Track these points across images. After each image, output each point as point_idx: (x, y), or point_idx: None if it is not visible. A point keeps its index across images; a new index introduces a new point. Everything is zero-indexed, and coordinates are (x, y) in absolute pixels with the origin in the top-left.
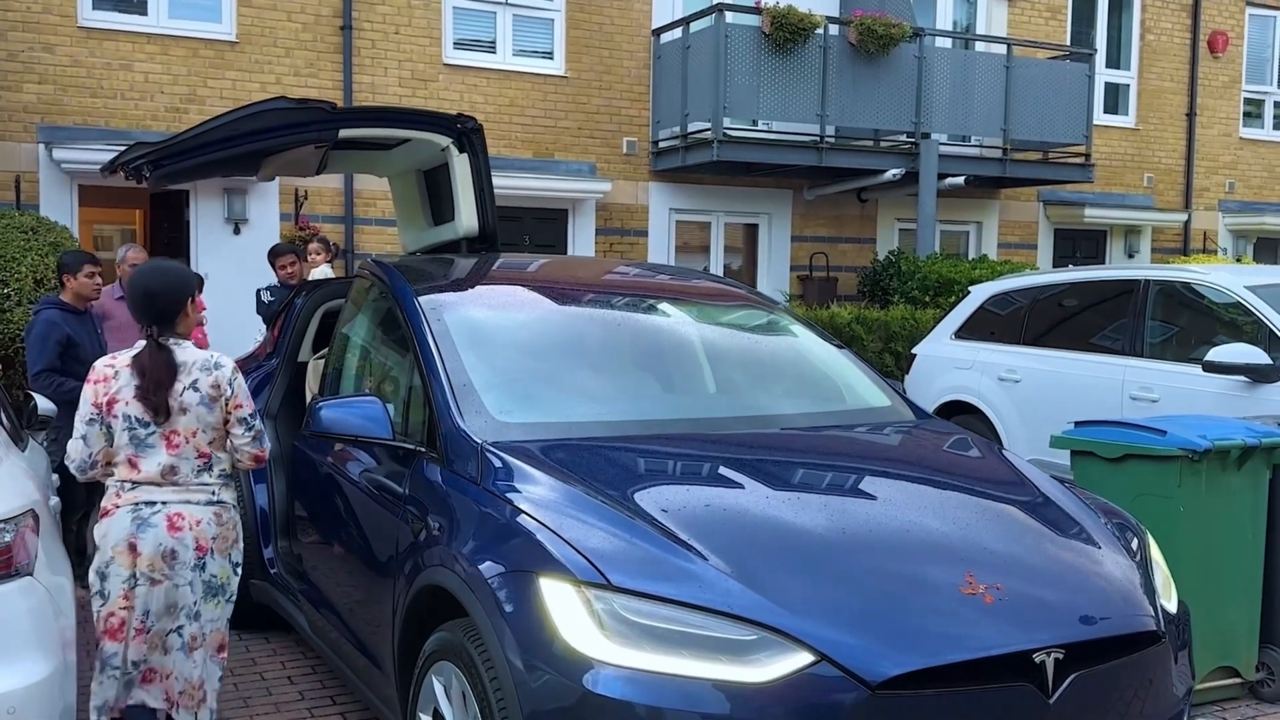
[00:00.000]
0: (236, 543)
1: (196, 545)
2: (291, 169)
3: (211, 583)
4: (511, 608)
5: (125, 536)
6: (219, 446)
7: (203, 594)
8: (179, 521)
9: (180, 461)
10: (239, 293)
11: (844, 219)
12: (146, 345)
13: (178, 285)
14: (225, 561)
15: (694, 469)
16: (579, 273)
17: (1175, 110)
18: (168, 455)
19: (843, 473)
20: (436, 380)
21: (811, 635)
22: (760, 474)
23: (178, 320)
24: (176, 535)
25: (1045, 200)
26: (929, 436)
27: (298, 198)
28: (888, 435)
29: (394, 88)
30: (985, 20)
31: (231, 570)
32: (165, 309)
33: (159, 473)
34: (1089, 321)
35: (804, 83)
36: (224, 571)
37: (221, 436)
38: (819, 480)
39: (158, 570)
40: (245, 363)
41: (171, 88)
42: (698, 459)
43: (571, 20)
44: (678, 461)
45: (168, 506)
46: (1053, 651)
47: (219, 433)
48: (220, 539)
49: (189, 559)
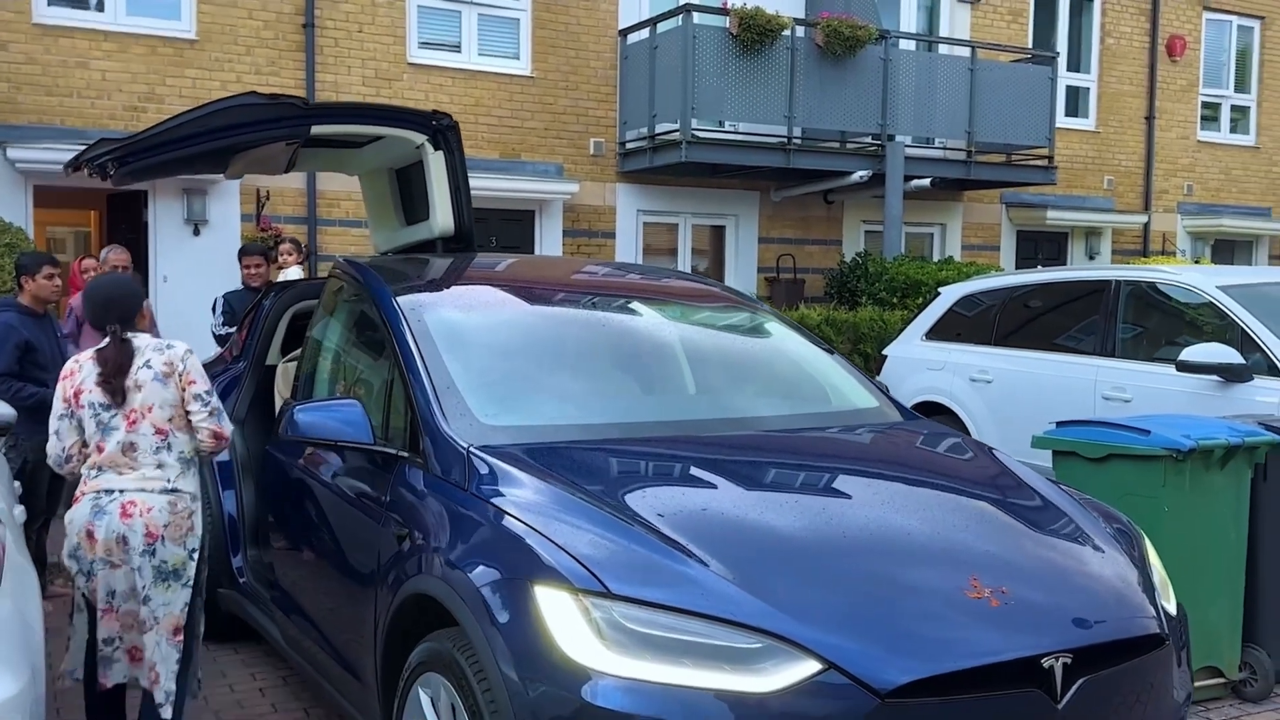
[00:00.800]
0: (193, 530)
1: (146, 532)
2: (260, 166)
3: (162, 568)
4: (505, 617)
5: (84, 524)
6: (178, 426)
7: (152, 579)
8: (130, 509)
9: (138, 438)
10: (199, 295)
11: (811, 221)
12: (110, 340)
13: (133, 293)
14: (179, 548)
15: (687, 472)
16: (560, 273)
17: (1134, 113)
18: (126, 433)
19: (838, 475)
20: (419, 383)
21: (818, 642)
22: (756, 477)
23: (135, 322)
24: (127, 522)
25: (1007, 202)
26: (920, 438)
27: (259, 198)
28: (879, 437)
29: (357, 87)
30: (948, 23)
31: (187, 556)
32: (125, 312)
33: (119, 450)
34: (1060, 322)
35: (771, 84)
36: (177, 557)
37: (180, 415)
38: (815, 483)
39: (114, 555)
40: (211, 366)
41: (130, 86)
42: (691, 462)
43: (538, 20)
44: (670, 465)
45: (124, 495)
46: (1061, 656)
47: (176, 410)
48: (173, 526)
49: (139, 544)
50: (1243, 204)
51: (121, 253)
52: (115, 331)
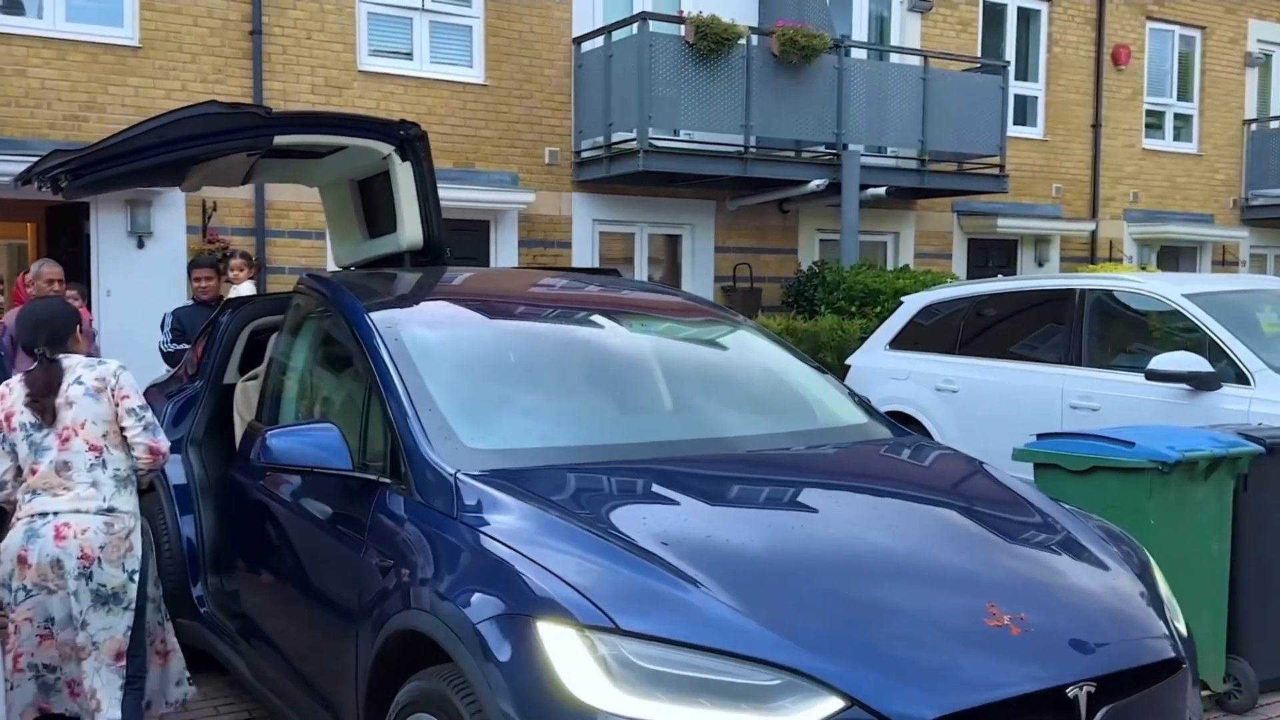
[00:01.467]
0: (131, 551)
1: (81, 554)
2: (219, 179)
3: (100, 592)
4: (505, 655)
5: (17, 549)
6: (113, 443)
7: (90, 603)
8: (65, 531)
9: (71, 456)
10: (144, 310)
11: (766, 230)
12: (39, 362)
13: (64, 314)
14: (117, 570)
15: (687, 497)
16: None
17: (1081, 122)
18: (59, 453)
19: (841, 498)
20: (399, 406)
21: (840, 677)
22: (759, 502)
23: (67, 344)
24: (61, 545)
25: (959, 211)
26: (915, 455)
27: (205, 210)
28: (876, 455)
29: (307, 95)
30: (899, 32)
31: (126, 578)
32: (55, 333)
33: (53, 470)
34: (1025, 331)
35: (727, 93)
36: (115, 580)
37: (114, 432)
38: (819, 506)
39: (49, 580)
40: (166, 385)
41: (70, 94)
42: (690, 485)
43: (490, 28)
44: (669, 489)
45: (57, 517)
46: (1084, 685)
47: (110, 427)
48: (110, 547)
49: (73, 568)
50: (1187, 211)
51: (54, 267)
52: (44, 354)
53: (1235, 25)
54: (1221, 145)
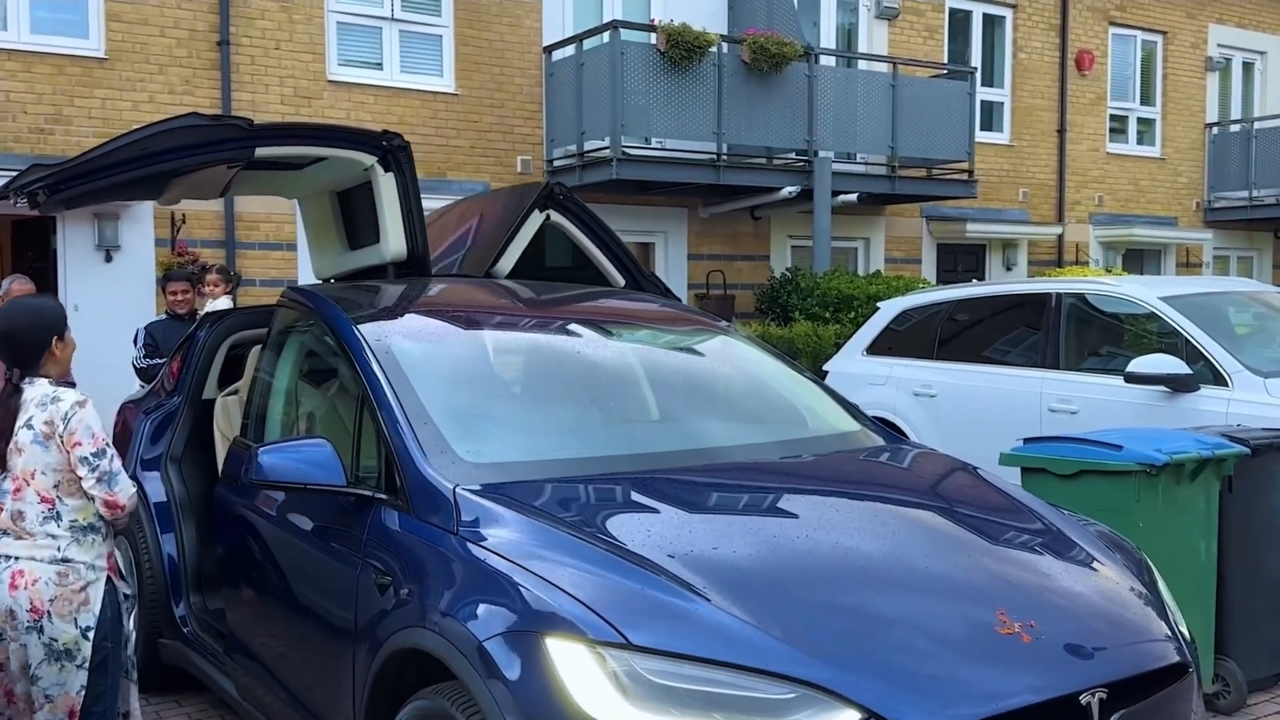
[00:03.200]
0: (86, 605)
1: (30, 606)
2: (198, 191)
3: (52, 646)
4: (514, 672)
5: None
6: (68, 492)
7: (42, 656)
8: (18, 580)
9: (25, 507)
10: (113, 324)
11: (739, 237)
12: (3, 390)
13: (39, 324)
14: (69, 626)
15: (691, 507)
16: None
17: (1047, 127)
18: (13, 501)
19: (845, 506)
20: (393, 419)
21: (855, 689)
22: (762, 511)
23: (42, 361)
24: (14, 594)
25: (928, 216)
26: (912, 462)
27: (174, 222)
28: (874, 463)
29: (276, 105)
30: (867, 39)
31: (79, 635)
32: (24, 350)
33: (10, 518)
34: (1003, 335)
35: (699, 101)
36: (67, 636)
37: (69, 480)
38: (824, 515)
39: (5, 627)
40: (143, 401)
41: (35, 107)
42: (693, 495)
43: (461, 37)
44: (672, 499)
45: (16, 563)
46: (1097, 692)
47: (64, 475)
48: (61, 600)
49: (24, 619)
50: (1151, 214)
51: (25, 282)
52: (10, 378)
53: (1196, 30)
54: (1184, 149)
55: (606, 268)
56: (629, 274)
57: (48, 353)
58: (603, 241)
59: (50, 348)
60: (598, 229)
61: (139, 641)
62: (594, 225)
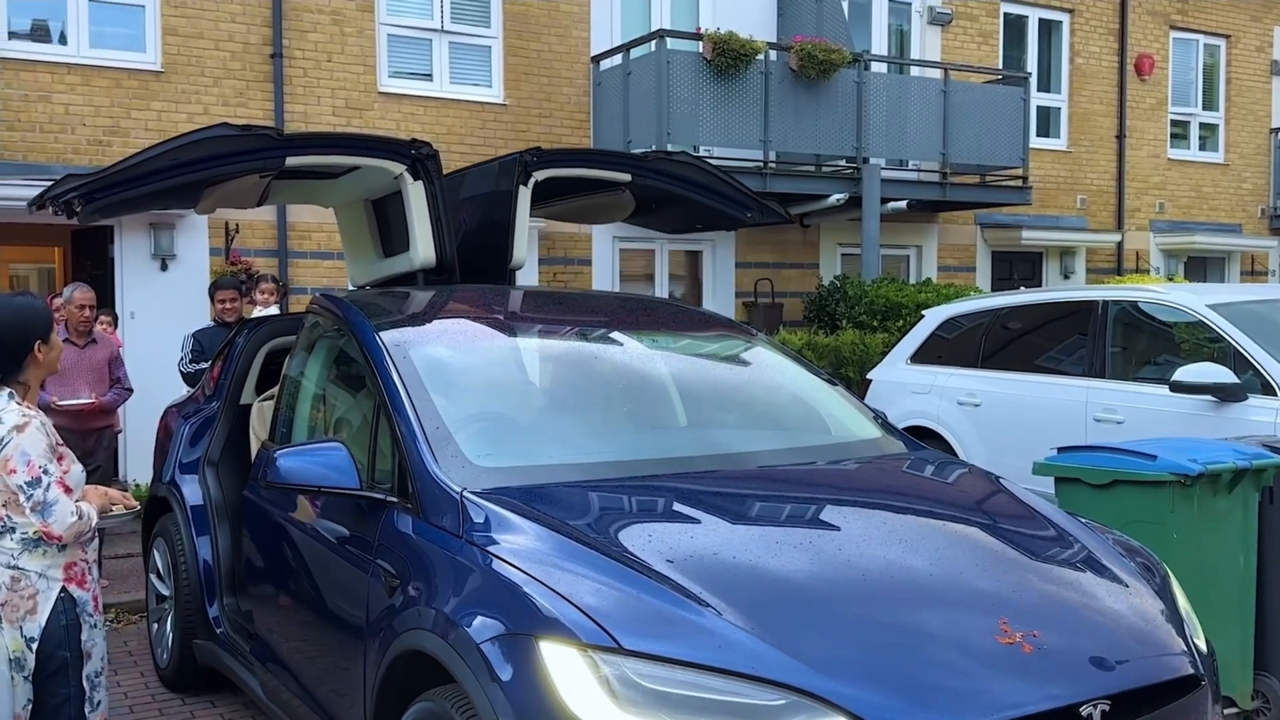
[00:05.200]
0: (33, 615)
1: None
2: (233, 200)
3: (5, 653)
4: (508, 675)
5: None
6: (16, 510)
7: None
8: None
9: None
10: (168, 331)
11: (787, 245)
12: None
13: (23, 325)
14: (15, 632)
15: (693, 513)
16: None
17: (1105, 132)
18: None
19: (851, 513)
20: (406, 424)
21: (846, 697)
22: (764, 518)
23: (25, 365)
24: None
25: (982, 223)
26: (929, 470)
27: (228, 232)
28: (888, 470)
29: (328, 117)
30: (919, 45)
31: (24, 644)
32: (6, 352)
33: None
34: (1048, 343)
35: (746, 108)
36: (15, 643)
37: (15, 501)
38: (828, 522)
39: None
40: (184, 406)
41: (94, 120)
42: (696, 502)
43: (509, 48)
44: (674, 506)
45: None
46: (1099, 704)
47: (9, 496)
48: (9, 606)
49: None
50: (1214, 221)
51: (86, 291)
52: None
53: (1260, 33)
54: (1248, 154)
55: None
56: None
57: (30, 356)
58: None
59: (34, 351)
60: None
61: (175, 643)
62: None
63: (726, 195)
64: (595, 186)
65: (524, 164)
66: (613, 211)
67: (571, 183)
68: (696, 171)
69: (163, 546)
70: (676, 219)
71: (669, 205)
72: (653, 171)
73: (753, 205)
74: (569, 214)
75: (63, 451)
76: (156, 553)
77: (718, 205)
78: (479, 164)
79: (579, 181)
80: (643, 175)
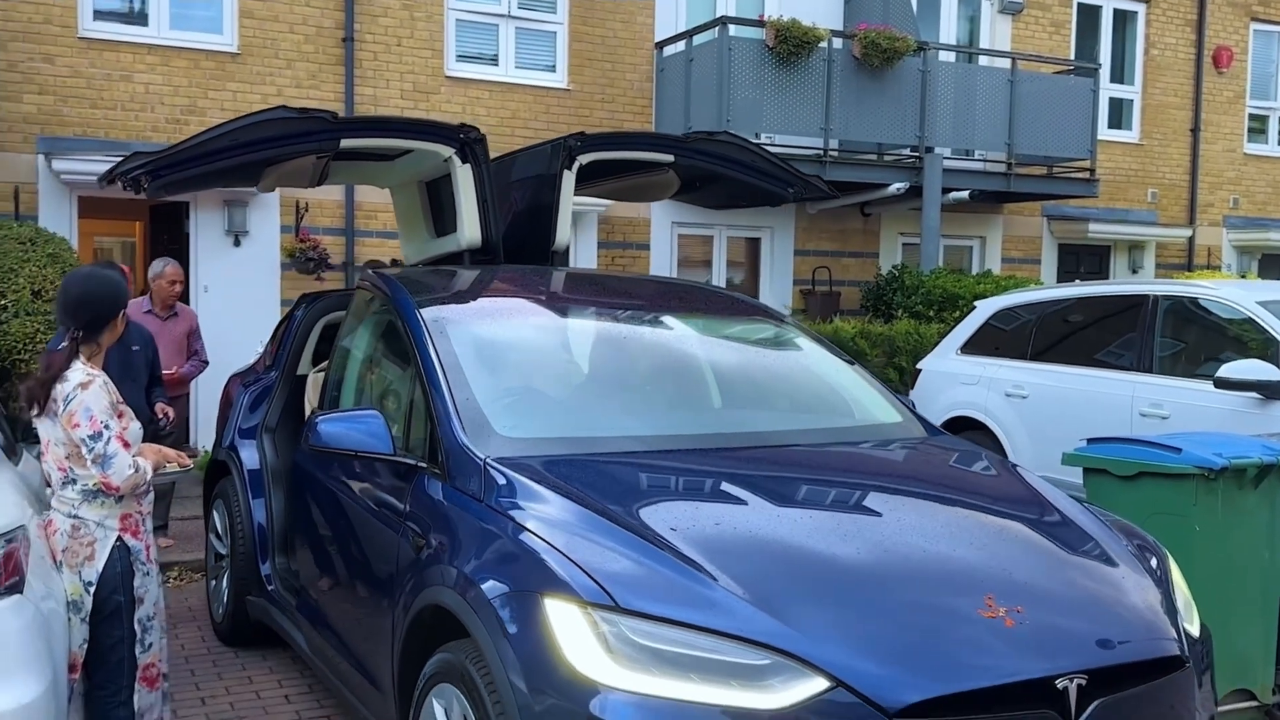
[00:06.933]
0: (91, 560)
1: (52, 554)
2: (292, 179)
3: (63, 595)
4: (515, 629)
5: None
6: (79, 463)
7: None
8: (48, 530)
9: (50, 470)
10: (238, 306)
11: (847, 233)
12: (68, 345)
13: (115, 296)
14: (75, 577)
15: (702, 487)
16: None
17: (1179, 125)
18: (43, 463)
19: (855, 491)
20: (439, 394)
21: (827, 660)
22: (770, 493)
23: (104, 329)
24: (45, 542)
25: (1049, 215)
26: (942, 454)
27: (298, 210)
28: (901, 452)
29: (396, 99)
30: (989, 34)
31: (83, 588)
32: (98, 317)
33: (45, 477)
34: (1097, 337)
35: (807, 96)
36: (74, 587)
37: (78, 454)
38: (833, 499)
39: None
40: (244, 376)
41: (172, 99)
42: (706, 476)
43: (574, 33)
44: (686, 479)
45: (48, 513)
46: (1075, 677)
47: (73, 449)
48: (70, 552)
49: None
50: None
51: (177, 267)
52: (76, 338)
53: None
54: None
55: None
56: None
57: (111, 323)
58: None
59: (115, 318)
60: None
61: (230, 600)
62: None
63: (768, 173)
64: (641, 167)
65: (568, 148)
66: (659, 190)
67: (618, 164)
68: (738, 150)
69: (221, 508)
70: (720, 196)
71: (712, 183)
72: (695, 151)
73: (795, 182)
74: (616, 193)
75: (123, 409)
76: (216, 514)
77: (759, 182)
78: (530, 147)
79: (625, 163)
80: (685, 155)
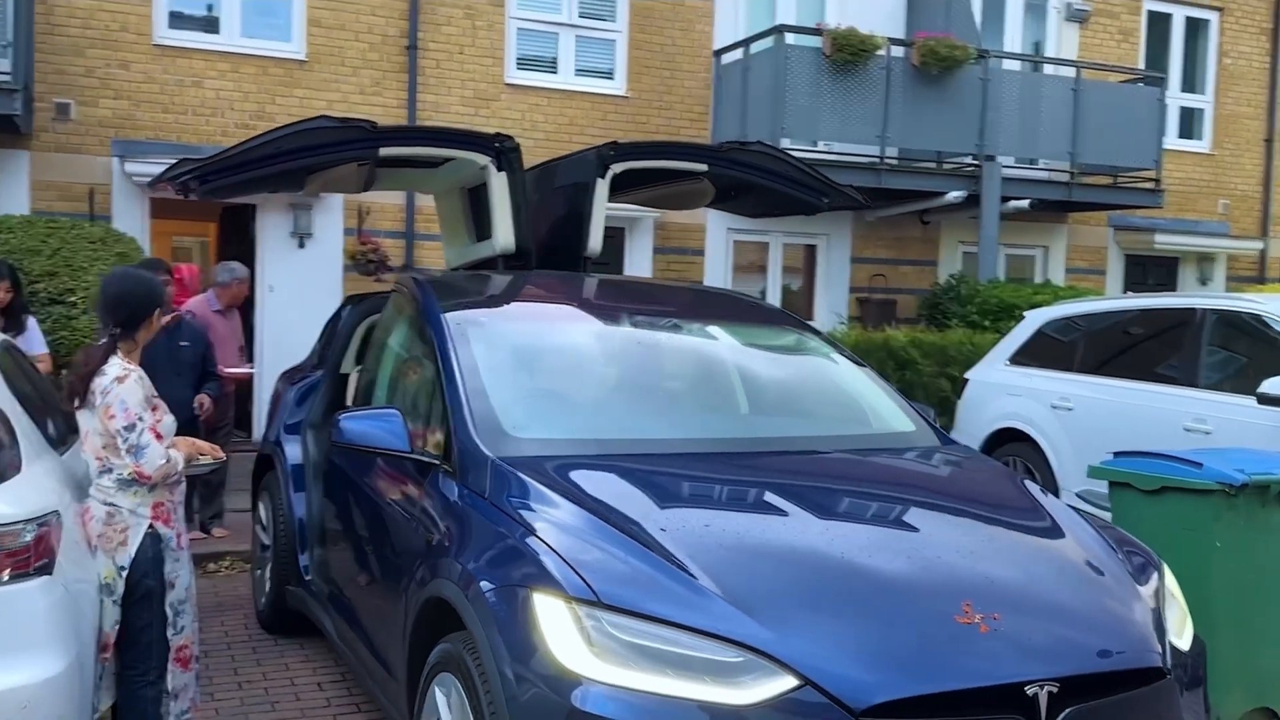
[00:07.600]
0: (124, 546)
1: (87, 537)
2: (337, 186)
3: (98, 579)
4: (505, 621)
5: None
6: (114, 453)
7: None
8: (86, 516)
9: (89, 460)
10: (302, 306)
11: (905, 241)
12: (106, 341)
13: (151, 295)
14: (109, 561)
15: (698, 490)
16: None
17: (1253, 136)
18: (82, 453)
19: (849, 498)
20: (454, 394)
21: (796, 660)
22: (764, 497)
23: (141, 326)
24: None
25: (1115, 225)
26: (947, 462)
27: (360, 214)
28: (905, 461)
29: (457, 107)
30: (1056, 42)
31: (116, 572)
32: (135, 314)
33: None
34: (1145, 350)
35: (864, 104)
36: (108, 571)
37: (114, 444)
38: (824, 504)
39: None
40: (293, 373)
41: (241, 104)
42: (704, 480)
43: (634, 41)
44: (684, 481)
45: (87, 500)
46: (1046, 685)
47: (110, 440)
48: (104, 538)
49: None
50: None
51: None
52: (115, 335)
53: None
54: None
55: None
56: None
57: (147, 320)
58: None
59: (152, 316)
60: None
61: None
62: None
63: (801, 182)
64: (676, 176)
65: (601, 158)
66: (695, 198)
67: (654, 173)
68: (772, 160)
69: (266, 501)
70: (756, 205)
71: (747, 192)
72: (728, 161)
73: (829, 193)
74: (653, 201)
75: (157, 403)
76: (261, 506)
77: (793, 192)
78: (571, 154)
79: (661, 171)
80: (719, 165)
